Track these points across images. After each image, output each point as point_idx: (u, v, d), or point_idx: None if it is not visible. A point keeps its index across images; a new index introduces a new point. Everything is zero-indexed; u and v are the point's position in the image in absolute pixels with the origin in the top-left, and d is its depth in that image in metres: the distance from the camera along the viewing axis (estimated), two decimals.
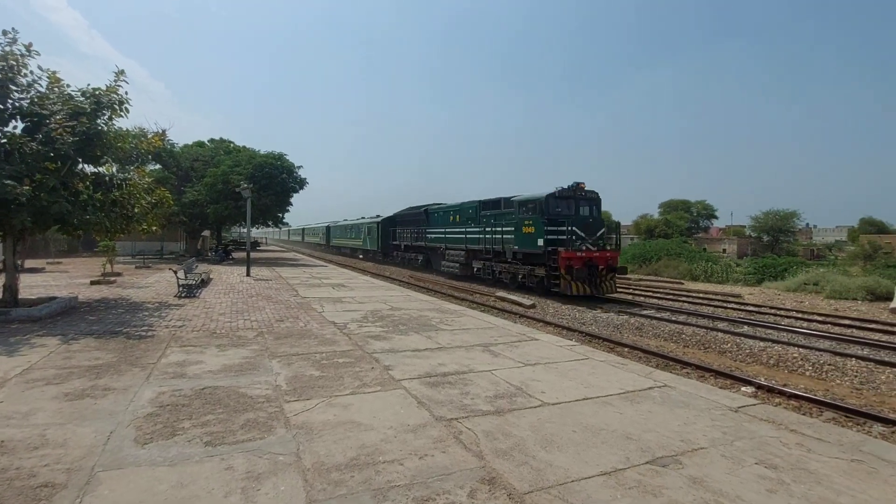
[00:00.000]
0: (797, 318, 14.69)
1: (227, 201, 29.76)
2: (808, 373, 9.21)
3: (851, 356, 9.66)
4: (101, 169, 11.70)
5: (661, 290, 21.89)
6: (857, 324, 13.76)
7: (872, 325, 13.46)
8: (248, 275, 20.02)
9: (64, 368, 5.95)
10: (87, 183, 10.65)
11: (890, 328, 13.08)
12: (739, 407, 5.13)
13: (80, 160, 10.77)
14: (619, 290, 18.95)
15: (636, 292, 21.12)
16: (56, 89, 10.67)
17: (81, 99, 10.58)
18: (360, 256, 43.67)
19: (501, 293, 18.85)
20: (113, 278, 17.19)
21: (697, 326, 12.80)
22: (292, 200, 34.32)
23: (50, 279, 17.06)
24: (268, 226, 39.40)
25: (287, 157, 32.80)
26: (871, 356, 9.67)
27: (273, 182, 30.79)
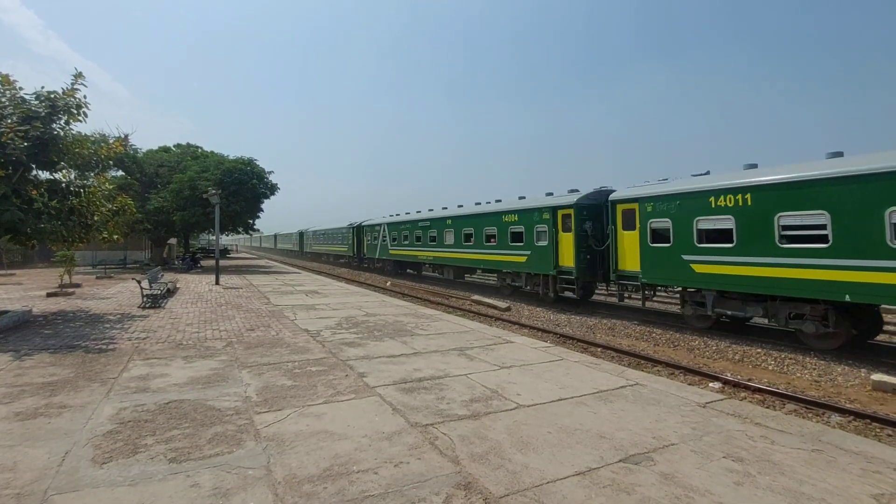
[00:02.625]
0: None
1: (194, 208, 28.87)
2: (770, 367, 9.57)
3: (810, 350, 10.10)
4: (57, 175, 11.18)
5: None
6: None
7: None
8: (217, 283, 19.46)
9: (15, 386, 5.60)
10: (42, 190, 10.16)
11: None
12: (707, 402, 5.28)
13: (34, 166, 10.26)
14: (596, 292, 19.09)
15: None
16: (8, 92, 10.16)
17: (35, 102, 10.11)
18: (342, 261, 42.76)
19: (477, 297, 18.91)
20: (71, 290, 16.38)
21: (667, 325, 13.15)
22: (263, 206, 33.68)
23: (2, 292, 16.13)
24: (238, 232, 38.45)
25: (257, 163, 32.16)
26: (827, 350, 10.13)
27: (243, 188, 30.07)
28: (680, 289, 12.69)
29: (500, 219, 19.11)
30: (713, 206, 11.30)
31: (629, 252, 13.65)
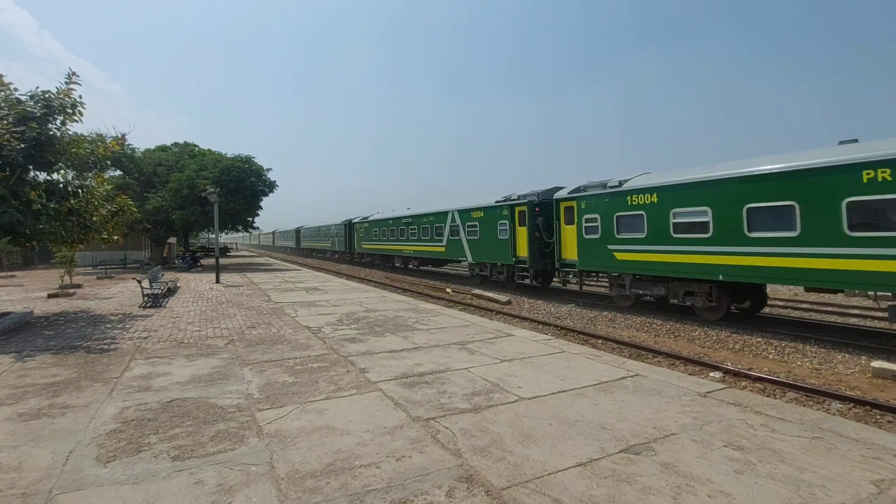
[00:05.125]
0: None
1: (193, 207, 28.83)
2: (771, 356, 9.59)
3: (811, 338, 10.12)
4: (55, 176, 11.15)
5: None
6: (816, 307, 14.44)
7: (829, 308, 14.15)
8: (217, 281, 19.48)
9: (18, 387, 5.63)
10: (40, 191, 10.12)
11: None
12: (708, 392, 5.30)
13: (31, 167, 10.23)
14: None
15: None
16: (2, 93, 10.11)
17: (30, 103, 10.06)
18: (336, 256, 45.34)
19: (478, 291, 18.93)
20: (72, 290, 16.41)
21: (667, 316, 13.17)
22: (263, 204, 33.65)
23: (3, 294, 16.16)
24: (238, 230, 38.42)
25: (255, 160, 32.05)
26: (828, 338, 10.16)
27: (241, 186, 30.01)
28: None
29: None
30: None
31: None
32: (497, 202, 19.41)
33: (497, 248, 19.21)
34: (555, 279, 18.37)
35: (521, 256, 17.89)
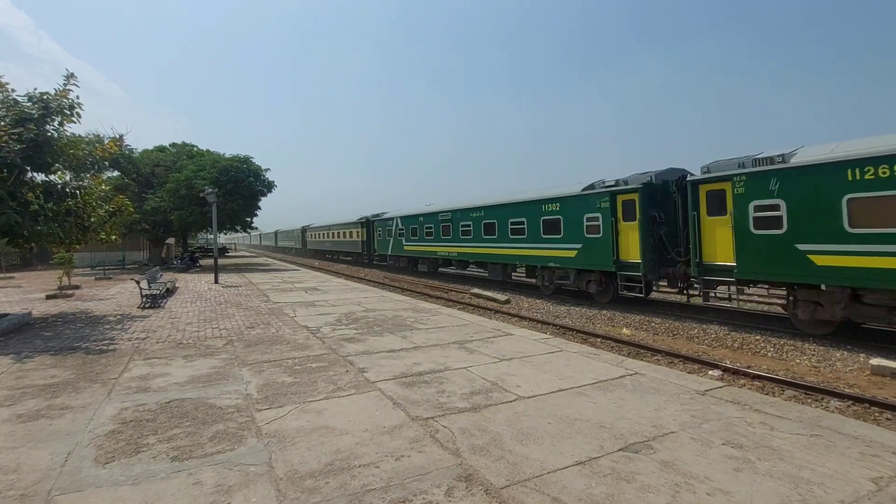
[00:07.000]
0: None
1: (191, 207, 28.80)
2: (770, 354, 9.61)
3: (809, 336, 10.14)
4: (52, 177, 11.13)
5: None
6: None
7: None
8: (216, 282, 19.46)
9: (16, 389, 5.62)
10: (38, 192, 10.11)
11: None
12: (707, 390, 5.30)
13: (29, 168, 10.21)
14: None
15: None
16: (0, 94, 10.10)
17: (28, 104, 10.04)
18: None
19: (476, 290, 18.93)
20: (71, 291, 16.38)
21: (666, 314, 13.18)
22: (261, 204, 33.63)
23: (1, 295, 16.14)
24: (236, 231, 38.39)
25: (253, 160, 32.02)
26: (826, 335, 10.17)
27: (239, 186, 29.98)
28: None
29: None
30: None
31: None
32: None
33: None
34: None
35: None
